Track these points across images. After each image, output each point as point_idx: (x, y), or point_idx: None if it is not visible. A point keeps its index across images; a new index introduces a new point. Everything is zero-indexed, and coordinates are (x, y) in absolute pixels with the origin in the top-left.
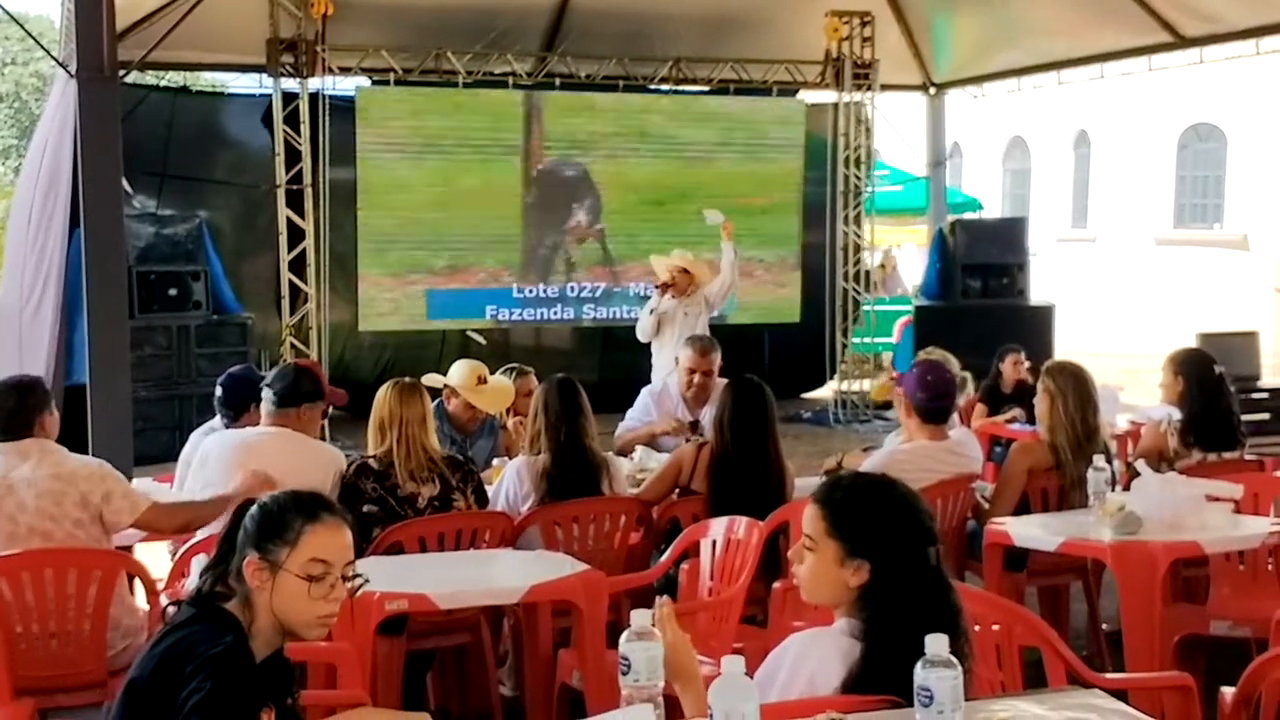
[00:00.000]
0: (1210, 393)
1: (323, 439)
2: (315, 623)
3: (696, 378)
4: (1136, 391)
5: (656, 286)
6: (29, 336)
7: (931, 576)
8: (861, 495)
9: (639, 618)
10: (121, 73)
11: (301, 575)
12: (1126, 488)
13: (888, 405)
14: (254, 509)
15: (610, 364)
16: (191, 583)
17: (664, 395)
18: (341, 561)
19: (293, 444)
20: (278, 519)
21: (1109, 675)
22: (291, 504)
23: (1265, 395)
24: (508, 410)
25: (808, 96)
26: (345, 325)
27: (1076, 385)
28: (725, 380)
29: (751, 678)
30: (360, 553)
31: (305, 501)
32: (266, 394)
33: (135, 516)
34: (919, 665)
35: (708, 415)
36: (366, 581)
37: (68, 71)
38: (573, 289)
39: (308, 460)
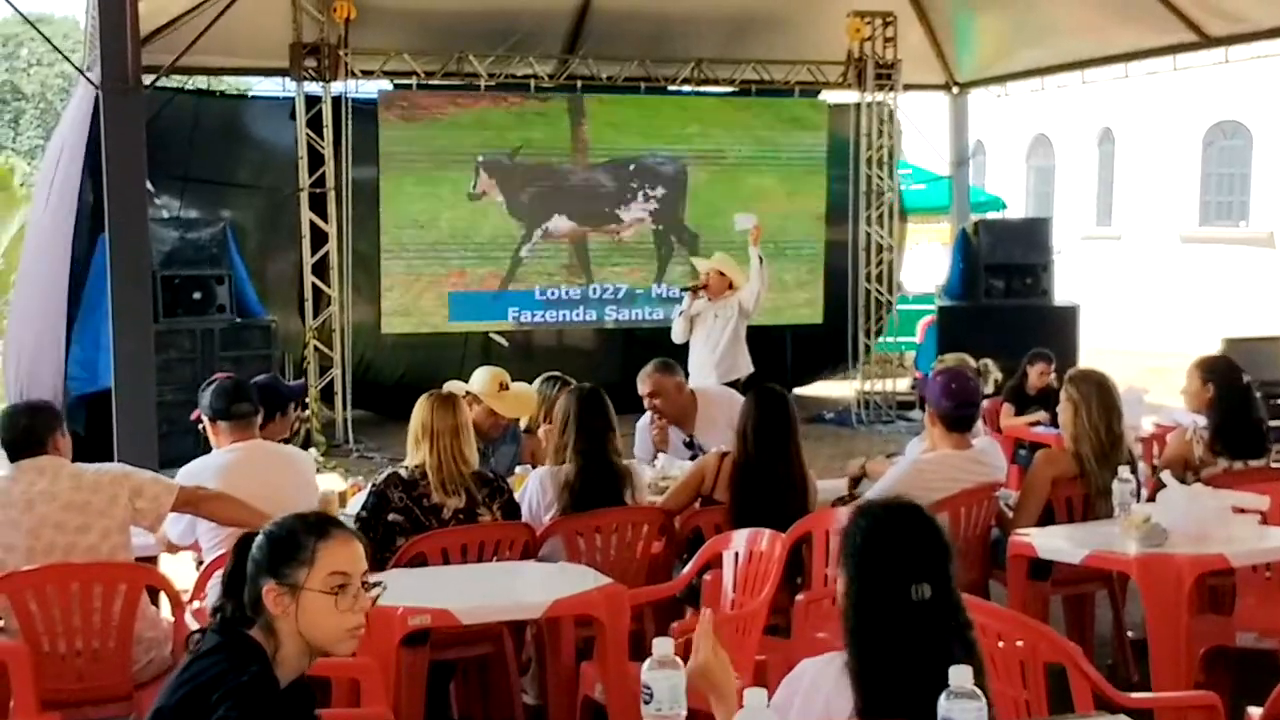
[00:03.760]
0: (1238, 400)
1: (346, 442)
2: (345, 636)
3: (647, 403)
4: (1162, 391)
5: (686, 289)
6: (39, 338)
7: (904, 610)
8: (868, 510)
9: (661, 646)
10: (146, 82)
11: (325, 590)
12: (1153, 493)
13: (910, 405)
14: (260, 539)
15: (633, 365)
16: (210, 600)
17: (652, 424)
18: (359, 571)
19: (274, 454)
20: (289, 542)
21: (1135, 695)
22: (299, 525)
23: None
24: (545, 417)
25: (830, 97)
26: (368, 326)
27: (1100, 393)
28: (715, 388)
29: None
30: (384, 562)
31: (312, 521)
32: (238, 409)
33: (174, 496)
34: (943, 696)
35: (705, 433)
36: (385, 588)
37: (91, 83)
38: (594, 290)
39: (293, 465)
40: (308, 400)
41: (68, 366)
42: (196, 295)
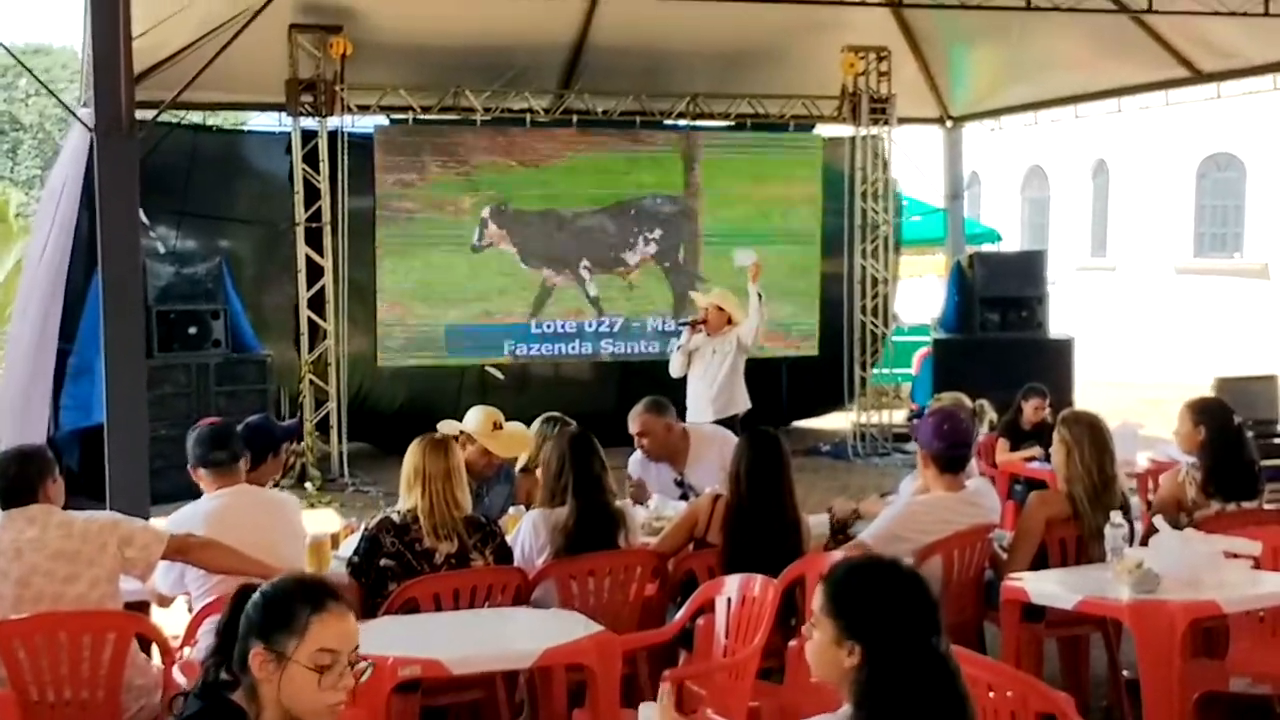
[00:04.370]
0: (1230, 443)
1: (341, 476)
2: (325, 712)
3: (638, 441)
4: (1157, 423)
5: (684, 323)
6: (32, 372)
7: (932, 665)
8: (862, 576)
9: (645, 711)
10: (141, 119)
11: (311, 666)
12: (1148, 531)
13: (906, 438)
14: (256, 598)
15: (630, 398)
16: (202, 647)
17: (645, 460)
18: (348, 648)
19: (260, 499)
20: (283, 609)
21: None
22: (297, 593)
23: None
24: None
25: (825, 130)
26: (364, 357)
27: (1092, 435)
28: (708, 426)
29: None
30: (375, 608)
31: (310, 590)
32: (216, 457)
33: (164, 545)
34: None
35: (696, 472)
36: (371, 667)
37: (85, 125)
38: (590, 324)
39: (280, 510)
40: (303, 434)
41: (62, 400)
42: (192, 330)
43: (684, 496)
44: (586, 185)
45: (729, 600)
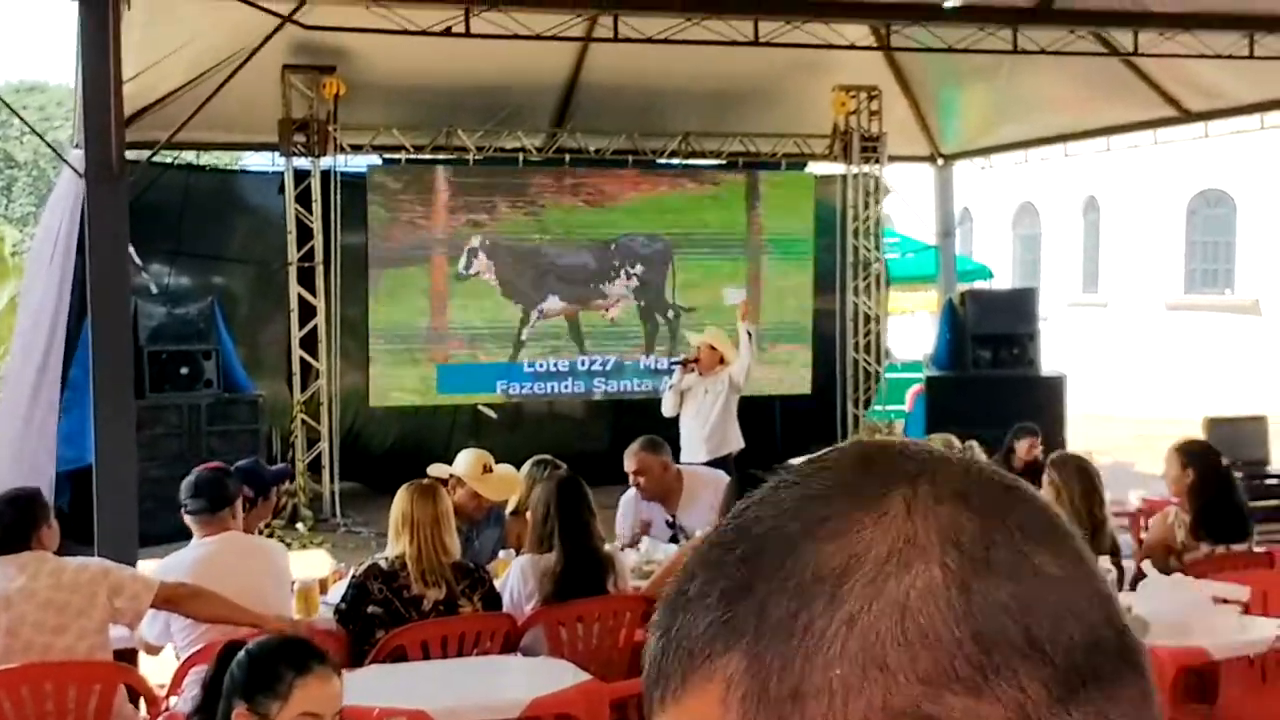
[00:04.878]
0: (1219, 485)
1: (333, 516)
2: None
3: (631, 480)
4: (1149, 459)
5: (676, 362)
6: (34, 416)
7: None
8: None
9: None
10: (134, 160)
11: None
12: (1139, 571)
13: None
14: (241, 656)
15: (622, 436)
16: (188, 697)
17: (637, 500)
18: (331, 712)
19: (246, 546)
20: (268, 670)
21: None
22: (282, 655)
23: (1276, 481)
24: None
25: (816, 168)
26: (356, 394)
27: (1081, 478)
28: (702, 469)
29: None
30: (363, 655)
31: (295, 652)
32: (199, 505)
33: (153, 593)
34: None
35: (689, 514)
36: None
37: (75, 170)
38: (583, 362)
39: (266, 557)
40: (295, 475)
41: (82, 441)
42: (183, 370)
43: (674, 538)
44: (576, 223)
45: None
